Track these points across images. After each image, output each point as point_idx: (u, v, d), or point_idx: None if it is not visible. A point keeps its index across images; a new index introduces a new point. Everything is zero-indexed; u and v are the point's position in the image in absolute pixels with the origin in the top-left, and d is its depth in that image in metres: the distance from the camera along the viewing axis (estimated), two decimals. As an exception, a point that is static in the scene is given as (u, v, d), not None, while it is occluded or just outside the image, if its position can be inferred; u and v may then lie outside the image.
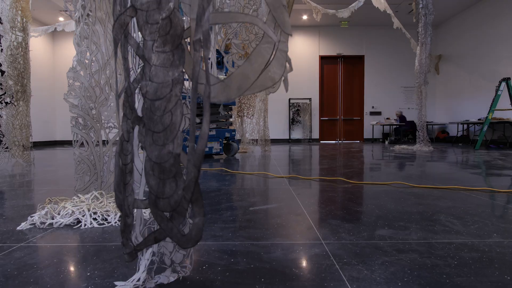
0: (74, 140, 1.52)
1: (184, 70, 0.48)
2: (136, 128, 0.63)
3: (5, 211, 1.57)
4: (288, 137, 9.64)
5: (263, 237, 1.16)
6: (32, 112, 3.93)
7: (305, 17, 8.87)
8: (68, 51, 9.41)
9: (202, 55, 0.41)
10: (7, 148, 3.52)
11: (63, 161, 4.24)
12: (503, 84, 5.93)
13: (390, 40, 9.52)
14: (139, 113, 0.64)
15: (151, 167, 0.51)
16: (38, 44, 8.63)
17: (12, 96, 3.52)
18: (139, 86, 0.56)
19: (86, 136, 1.53)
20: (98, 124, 1.54)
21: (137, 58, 0.74)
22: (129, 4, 0.51)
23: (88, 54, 1.54)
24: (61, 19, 8.55)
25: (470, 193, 1.93)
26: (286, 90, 0.52)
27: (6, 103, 3.48)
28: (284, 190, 2.07)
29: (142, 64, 0.57)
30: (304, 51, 9.72)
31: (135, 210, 0.74)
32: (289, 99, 9.60)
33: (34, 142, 7.97)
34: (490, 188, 2.04)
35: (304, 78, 9.68)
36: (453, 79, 9.01)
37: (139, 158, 0.72)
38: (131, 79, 0.63)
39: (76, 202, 1.48)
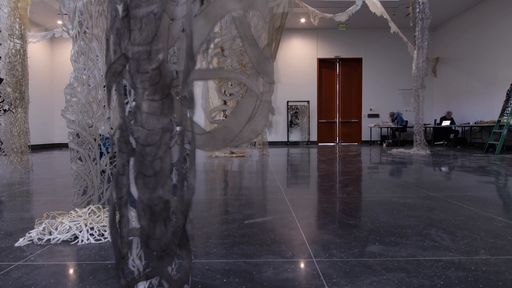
0: (71, 156, 1.55)
1: (172, 119, 0.50)
2: (132, 160, 0.65)
3: (3, 225, 1.60)
4: (286, 140, 9.67)
5: (256, 254, 1.19)
6: (31, 115, 3.94)
7: (303, 20, 8.90)
8: (67, 54, 9.42)
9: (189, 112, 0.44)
10: (5, 154, 3.54)
11: (61, 167, 4.26)
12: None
13: (388, 43, 9.56)
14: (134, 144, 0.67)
15: (142, 208, 0.53)
16: (36, 47, 8.63)
17: (11, 103, 3.53)
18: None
19: (83, 152, 1.55)
20: (95, 140, 1.56)
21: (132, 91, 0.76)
22: (120, 53, 0.54)
23: (85, 70, 1.56)
24: (59, 22, 8.56)
25: (462, 203, 1.96)
26: (270, 134, 0.55)
27: (5, 110, 3.50)
28: (280, 200, 2.09)
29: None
30: (302, 54, 9.75)
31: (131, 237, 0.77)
32: (287, 102, 9.63)
33: (33, 145, 7.98)
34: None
35: (302, 81, 9.72)
36: (450, 82, 9.05)
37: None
38: (126, 112, 0.66)
39: (74, 216, 1.50)
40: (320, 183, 2.79)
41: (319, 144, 9.77)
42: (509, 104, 5.79)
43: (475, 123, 7.28)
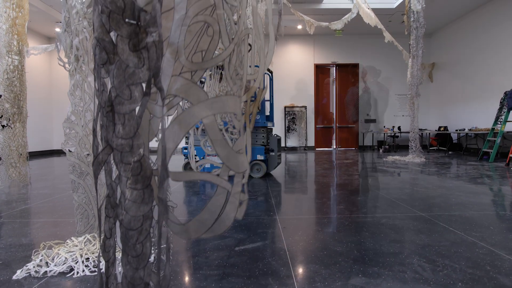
0: (72, 187, 1.60)
1: (152, 208, 0.56)
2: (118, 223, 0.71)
3: (1, 253, 1.65)
4: (284, 145, 9.73)
5: (243, 289, 1.24)
6: (29, 121, 4.01)
7: (299, 26, 8.97)
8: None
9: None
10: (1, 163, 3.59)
11: (59, 179, 4.31)
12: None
13: (384, 48, 9.62)
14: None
15: (126, 284, 0.59)
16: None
17: (9, 119, 3.58)
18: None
19: (82, 183, 1.60)
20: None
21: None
22: (106, 144, 0.59)
23: (82, 104, 1.62)
24: (57, 30, 8.61)
25: (449, 225, 2.02)
26: (240, 217, 0.60)
27: (3, 126, 3.55)
28: (272, 222, 2.15)
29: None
30: (299, 60, 9.82)
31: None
32: (285, 107, 9.70)
33: (31, 152, 8.03)
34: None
35: (299, 86, 9.78)
36: (446, 87, 9.13)
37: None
38: (112, 178, 0.71)
39: (70, 246, 1.56)
40: (313, 200, 2.85)
41: (317, 149, 9.83)
42: (502, 112, 5.86)
43: (469, 129, 7.34)
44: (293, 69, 9.78)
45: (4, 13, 3.59)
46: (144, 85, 0.57)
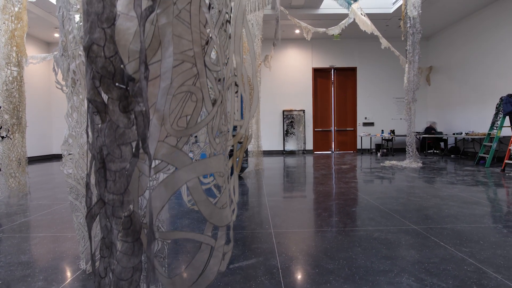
0: (71, 208, 1.64)
1: (142, 260, 0.60)
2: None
3: (0, 272, 1.69)
4: (282, 149, 9.77)
5: (236, 311, 1.28)
6: (29, 127, 4.06)
7: (297, 31, 9.01)
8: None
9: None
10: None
11: (58, 188, 4.35)
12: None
13: (382, 52, 9.65)
14: None
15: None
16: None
17: (8, 130, 3.62)
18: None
19: (79, 204, 1.64)
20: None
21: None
22: (99, 198, 0.63)
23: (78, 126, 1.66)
24: (56, 35, 8.66)
25: (440, 239, 2.06)
26: (223, 269, 0.64)
27: (2, 137, 3.59)
28: (266, 236, 2.19)
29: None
30: (297, 64, 9.87)
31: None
32: (283, 111, 9.74)
33: (31, 158, 8.07)
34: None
35: (298, 90, 9.83)
36: (443, 91, 9.18)
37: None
38: (109, 231, 0.75)
39: None
40: (308, 211, 2.89)
41: (315, 152, 9.87)
42: (498, 117, 5.91)
43: (466, 134, 7.39)
44: (292, 73, 9.83)
45: (3, 24, 3.63)
46: (133, 144, 0.61)
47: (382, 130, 9.42)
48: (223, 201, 0.62)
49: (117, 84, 0.60)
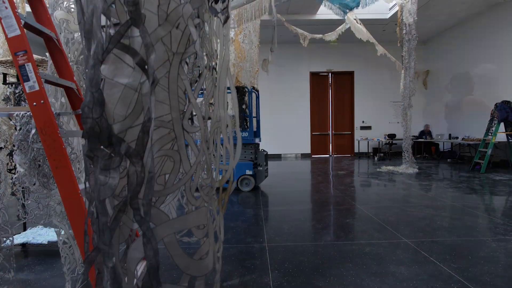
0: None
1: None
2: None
3: (-2, 291, 1.72)
4: (281, 153, 9.81)
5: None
6: None
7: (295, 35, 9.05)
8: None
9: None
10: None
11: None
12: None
13: (379, 56, 9.70)
14: None
15: None
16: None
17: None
18: None
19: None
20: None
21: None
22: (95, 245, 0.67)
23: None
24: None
25: (430, 254, 2.10)
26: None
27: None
28: (260, 251, 2.22)
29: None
30: (295, 68, 9.91)
31: None
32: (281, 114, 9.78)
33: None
34: (449, 247, 2.21)
35: (295, 94, 9.87)
36: (440, 94, 9.24)
37: None
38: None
39: None
40: (303, 222, 2.93)
41: (313, 156, 9.91)
42: (493, 124, 5.96)
43: (462, 138, 7.45)
44: (289, 77, 9.87)
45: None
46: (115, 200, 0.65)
47: (380, 138, 9.43)
48: (203, 251, 0.66)
49: (102, 147, 0.64)
